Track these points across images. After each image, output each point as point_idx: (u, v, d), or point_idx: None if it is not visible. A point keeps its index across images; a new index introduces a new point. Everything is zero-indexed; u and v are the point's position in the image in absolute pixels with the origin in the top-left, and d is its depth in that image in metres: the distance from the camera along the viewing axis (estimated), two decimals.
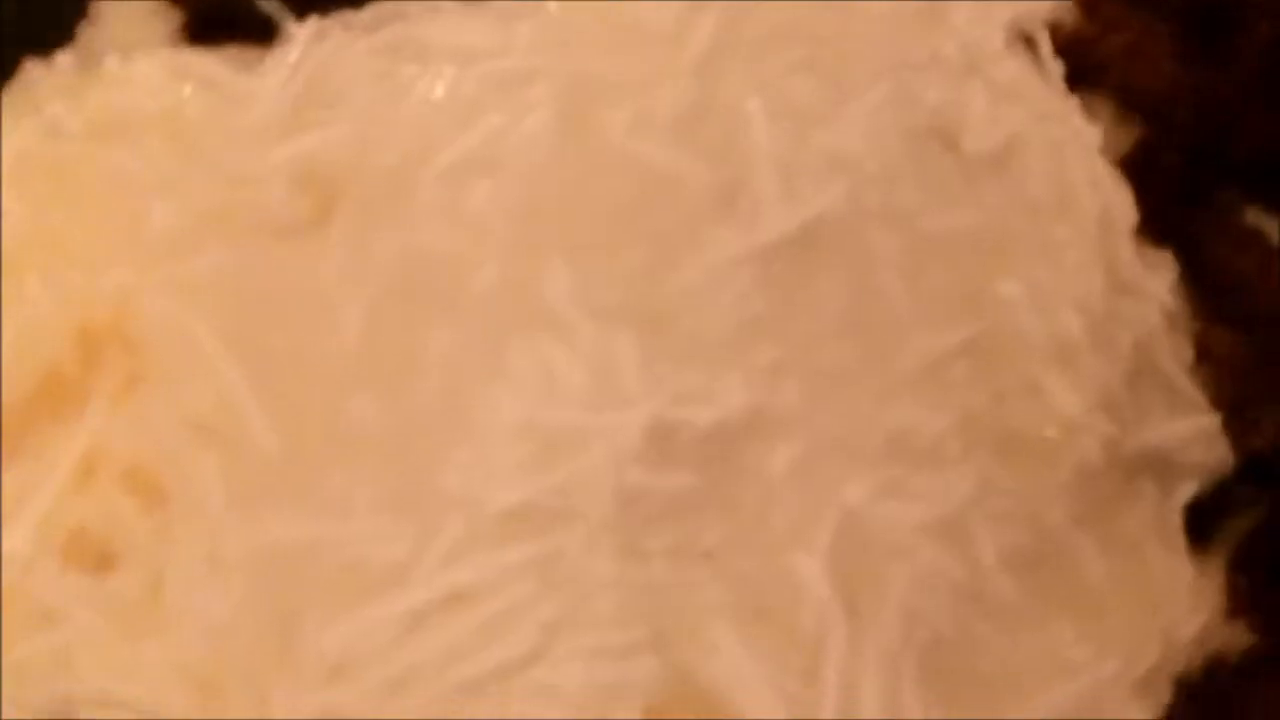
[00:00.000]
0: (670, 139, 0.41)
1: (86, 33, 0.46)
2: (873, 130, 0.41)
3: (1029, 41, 0.46)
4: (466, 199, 0.40)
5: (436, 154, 0.40)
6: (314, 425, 0.38)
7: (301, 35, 0.43)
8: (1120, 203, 0.42)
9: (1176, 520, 0.41)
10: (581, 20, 0.43)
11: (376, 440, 0.38)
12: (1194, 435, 0.41)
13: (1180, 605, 0.40)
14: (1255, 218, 0.46)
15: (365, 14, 0.44)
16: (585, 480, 0.36)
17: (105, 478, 0.38)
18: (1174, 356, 0.42)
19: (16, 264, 0.40)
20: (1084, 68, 0.46)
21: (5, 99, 0.43)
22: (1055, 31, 0.46)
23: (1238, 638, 0.40)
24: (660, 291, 0.39)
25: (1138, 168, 0.44)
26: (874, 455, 0.38)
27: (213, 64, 0.43)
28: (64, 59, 0.44)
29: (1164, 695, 0.39)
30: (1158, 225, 0.44)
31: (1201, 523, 0.42)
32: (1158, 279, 0.42)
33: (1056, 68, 0.45)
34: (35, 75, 0.43)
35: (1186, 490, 0.41)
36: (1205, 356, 0.43)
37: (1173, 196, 0.45)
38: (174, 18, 0.46)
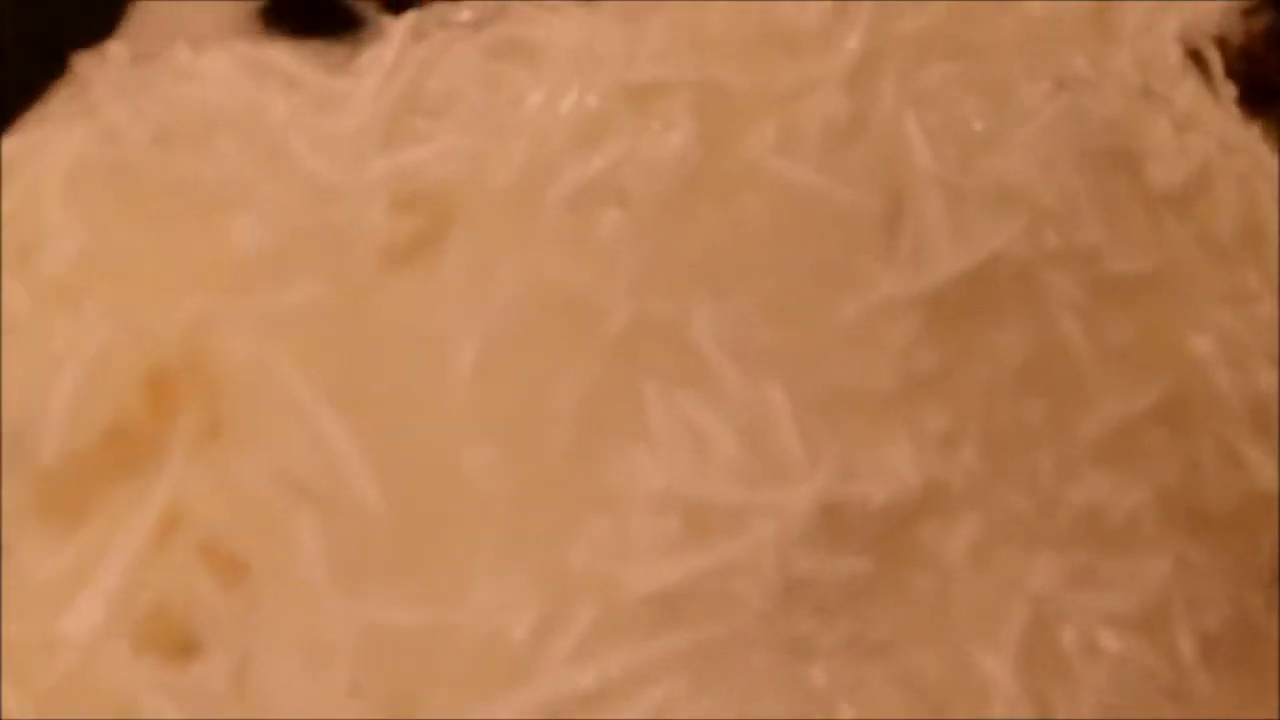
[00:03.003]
0: (821, 160, 0.37)
1: (138, 21, 0.41)
2: (1047, 156, 0.37)
3: (1198, 59, 0.42)
4: (595, 227, 0.35)
5: (560, 175, 0.35)
6: (424, 483, 0.33)
7: (397, 33, 0.38)
8: None
9: None
10: (714, 22, 0.39)
11: (495, 502, 0.33)
12: None
13: None
14: None
15: (466, 11, 0.39)
16: (745, 564, 0.32)
17: (183, 546, 0.33)
18: None
19: (75, 292, 0.34)
20: (1254, 90, 0.43)
21: (56, 100, 0.38)
22: (1221, 49, 0.43)
23: None
24: (815, 337, 0.35)
25: None
26: (1061, 535, 0.34)
27: (295, 60, 0.38)
28: (117, 50, 0.39)
29: None
30: None
31: None
32: None
33: (1229, 90, 0.42)
34: (88, 71, 0.38)
35: None
36: None
37: None
38: (240, 5, 0.41)
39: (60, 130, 0.36)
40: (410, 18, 0.38)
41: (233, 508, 0.33)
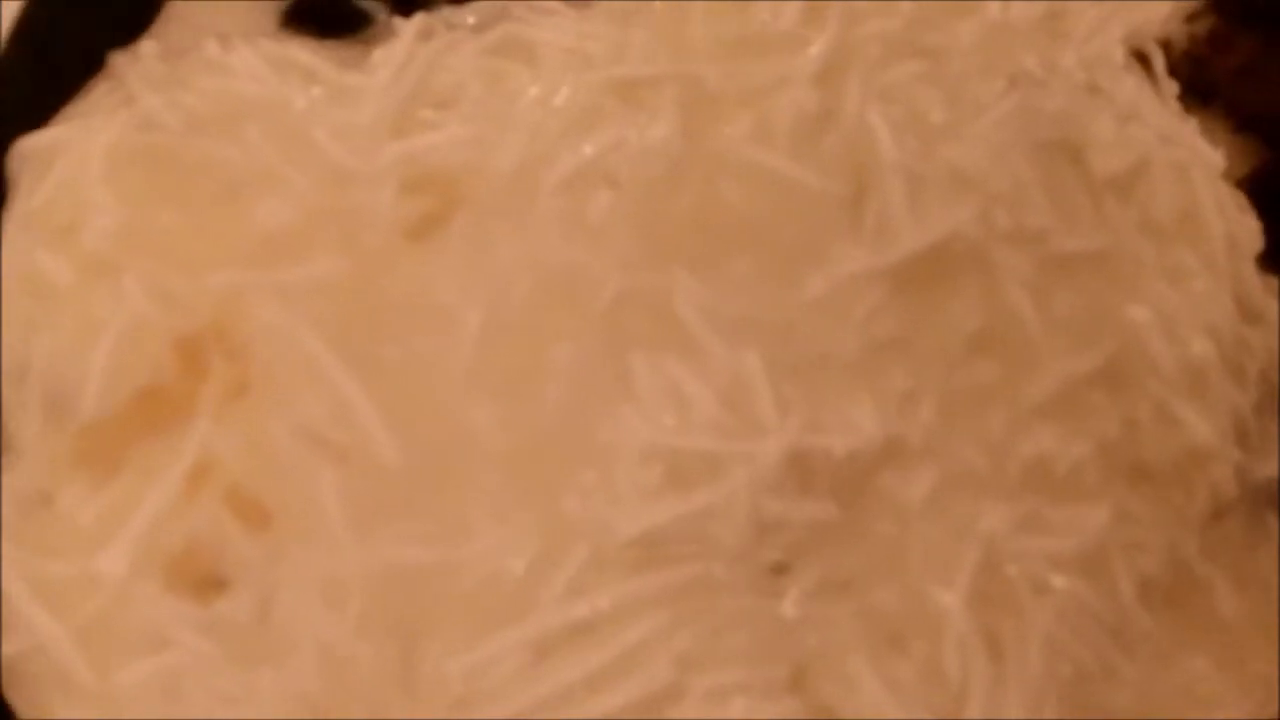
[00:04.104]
0: (792, 149, 0.40)
1: (169, 22, 0.44)
2: (999, 146, 0.40)
3: (1143, 59, 0.46)
4: (587, 209, 0.38)
5: (555, 162, 0.38)
6: (432, 437, 0.37)
7: (407, 33, 0.41)
8: (1246, 228, 0.42)
9: None
10: (695, 24, 0.42)
11: (497, 455, 0.36)
12: None
13: None
14: None
15: (470, 12, 0.42)
16: (721, 509, 0.35)
17: (211, 494, 0.36)
18: None
19: (112, 264, 0.38)
20: (1196, 88, 0.46)
21: (95, 93, 0.41)
22: (1166, 50, 0.46)
23: None
24: (787, 307, 0.38)
25: (1259, 191, 0.44)
26: (1011, 485, 0.37)
27: (314, 57, 0.41)
28: (149, 48, 0.42)
29: None
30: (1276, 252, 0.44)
31: None
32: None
33: (1171, 87, 0.45)
34: (123, 67, 0.41)
35: None
36: None
37: None
38: (263, 7, 0.44)
39: (101, 119, 0.40)
40: (419, 19, 0.42)
41: (257, 459, 0.36)
